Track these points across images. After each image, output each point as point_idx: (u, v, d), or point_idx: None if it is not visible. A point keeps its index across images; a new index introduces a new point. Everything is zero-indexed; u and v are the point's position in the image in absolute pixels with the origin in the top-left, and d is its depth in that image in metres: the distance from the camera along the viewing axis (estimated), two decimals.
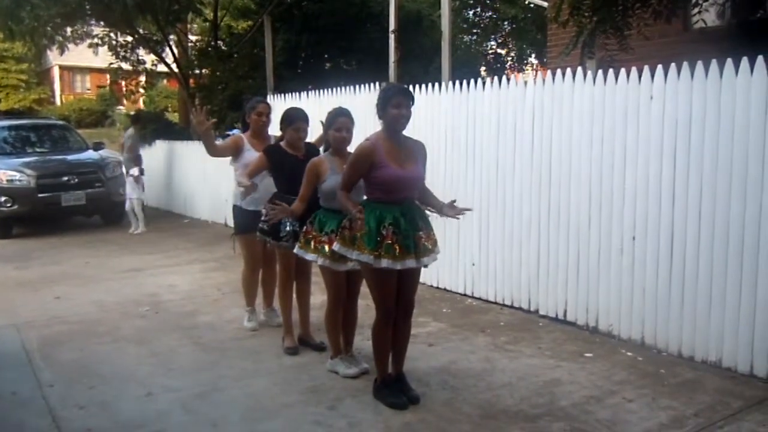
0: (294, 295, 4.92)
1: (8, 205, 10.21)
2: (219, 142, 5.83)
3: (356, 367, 4.31)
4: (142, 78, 17.24)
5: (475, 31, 22.61)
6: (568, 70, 5.25)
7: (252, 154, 5.09)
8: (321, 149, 4.61)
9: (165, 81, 25.61)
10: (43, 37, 13.48)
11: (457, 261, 6.28)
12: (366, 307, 4.70)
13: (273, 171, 4.75)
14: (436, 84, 6.50)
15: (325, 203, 4.20)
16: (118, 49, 15.10)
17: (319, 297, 5.18)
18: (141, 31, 14.64)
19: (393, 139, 3.79)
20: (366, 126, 4.50)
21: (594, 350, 4.75)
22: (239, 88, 13.67)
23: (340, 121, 4.20)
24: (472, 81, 6.10)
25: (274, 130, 5.29)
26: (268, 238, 4.73)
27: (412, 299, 3.96)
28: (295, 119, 4.71)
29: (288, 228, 4.53)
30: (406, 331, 3.98)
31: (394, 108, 3.72)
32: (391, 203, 3.75)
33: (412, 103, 3.81)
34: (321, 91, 8.24)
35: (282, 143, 4.78)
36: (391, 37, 8.78)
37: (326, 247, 4.05)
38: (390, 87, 3.97)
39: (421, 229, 3.80)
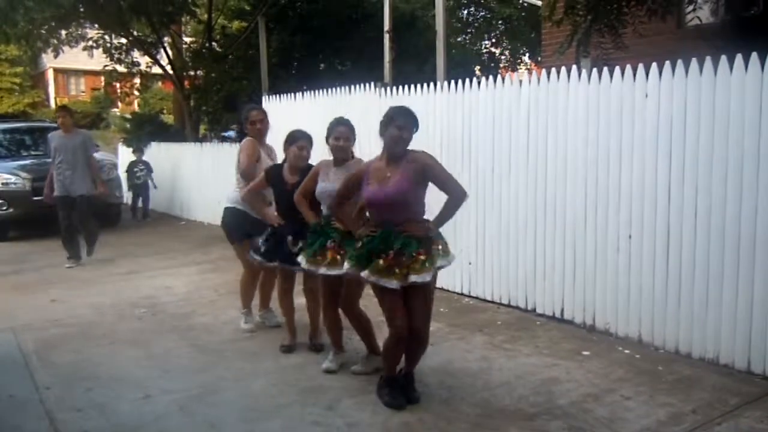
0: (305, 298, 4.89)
1: (3, 208, 10.18)
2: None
3: (334, 365, 4.40)
4: (137, 80, 17.20)
5: (469, 30, 22.64)
6: (563, 68, 5.25)
7: (265, 161, 5.18)
8: None
9: (160, 83, 25.55)
10: (38, 40, 13.45)
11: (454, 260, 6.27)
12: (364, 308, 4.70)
13: (271, 186, 4.84)
14: (431, 84, 6.50)
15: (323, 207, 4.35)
16: (113, 52, 15.07)
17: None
18: (135, 33, 14.61)
19: (389, 159, 3.76)
20: (360, 127, 4.48)
21: (591, 348, 4.75)
22: (234, 89, 13.66)
23: (338, 130, 4.25)
24: (467, 80, 6.09)
25: (274, 136, 5.29)
26: (273, 262, 4.74)
27: (418, 326, 3.78)
28: (300, 138, 4.69)
29: (300, 246, 4.55)
30: (424, 339, 3.88)
31: (396, 129, 3.70)
32: (377, 224, 3.78)
33: (416, 129, 3.78)
34: (315, 91, 8.23)
35: (285, 165, 4.76)
36: (386, 37, 8.77)
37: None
38: (397, 108, 3.90)
39: (391, 251, 3.64)
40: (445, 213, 3.82)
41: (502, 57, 23.68)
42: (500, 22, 22.32)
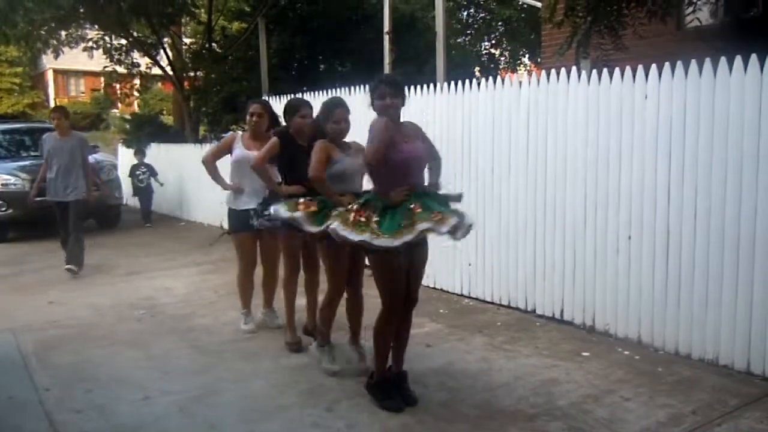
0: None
1: (3, 209, 10.19)
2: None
3: (338, 366, 4.35)
4: (137, 81, 17.22)
5: (468, 31, 22.67)
6: (563, 69, 5.26)
7: (241, 152, 5.17)
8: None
9: (159, 84, 25.58)
10: (38, 41, 13.46)
11: (453, 261, 6.28)
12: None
13: (279, 158, 4.68)
14: (431, 85, 6.50)
15: (337, 186, 4.05)
16: (113, 53, 15.09)
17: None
18: (135, 34, 14.63)
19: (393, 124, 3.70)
20: (360, 128, 4.48)
21: (591, 349, 4.75)
22: (234, 90, 13.68)
23: (338, 113, 4.15)
24: (467, 81, 6.10)
25: None
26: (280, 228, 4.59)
27: (417, 291, 3.91)
28: (301, 105, 4.71)
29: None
30: (408, 325, 3.95)
31: (379, 99, 3.69)
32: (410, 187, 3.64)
33: (400, 93, 3.73)
34: (315, 92, 8.23)
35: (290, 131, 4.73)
36: (386, 38, 8.79)
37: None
38: (375, 78, 3.87)
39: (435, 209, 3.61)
40: (438, 175, 3.94)
41: (502, 58, 23.73)
42: (500, 23, 22.35)
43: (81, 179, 7.73)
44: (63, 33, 14.08)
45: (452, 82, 6.25)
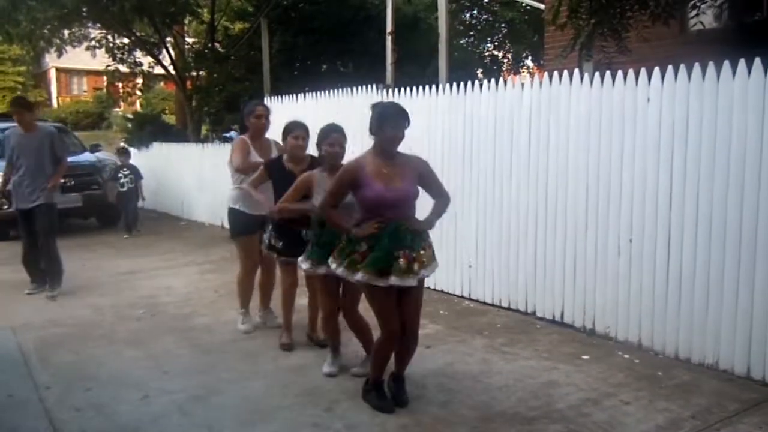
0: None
1: (4, 207, 10.17)
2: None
3: (335, 368, 4.38)
4: (139, 80, 17.24)
5: (471, 33, 22.70)
6: (565, 72, 5.26)
7: (255, 157, 5.15)
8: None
9: (162, 83, 25.61)
10: (41, 40, 13.47)
11: (454, 263, 6.28)
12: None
13: (273, 184, 4.77)
14: (433, 86, 6.50)
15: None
16: (115, 52, 15.11)
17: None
18: (138, 33, 14.65)
19: (383, 157, 3.71)
20: (362, 129, 4.48)
21: (591, 352, 4.74)
22: (236, 90, 13.71)
23: (333, 137, 4.23)
24: (469, 83, 6.10)
25: (274, 133, 5.26)
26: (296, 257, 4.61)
27: (412, 324, 3.84)
28: (293, 128, 4.73)
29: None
30: (413, 344, 3.92)
31: (392, 129, 3.65)
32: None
33: (408, 125, 3.74)
34: (317, 92, 8.23)
35: (284, 157, 4.78)
36: (388, 39, 8.79)
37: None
38: (389, 106, 3.87)
39: (406, 248, 3.64)
40: (438, 213, 3.91)
41: (505, 60, 23.75)
42: (503, 25, 22.38)
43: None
44: (66, 32, 14.10)
45: (454, 84, 6.24)
